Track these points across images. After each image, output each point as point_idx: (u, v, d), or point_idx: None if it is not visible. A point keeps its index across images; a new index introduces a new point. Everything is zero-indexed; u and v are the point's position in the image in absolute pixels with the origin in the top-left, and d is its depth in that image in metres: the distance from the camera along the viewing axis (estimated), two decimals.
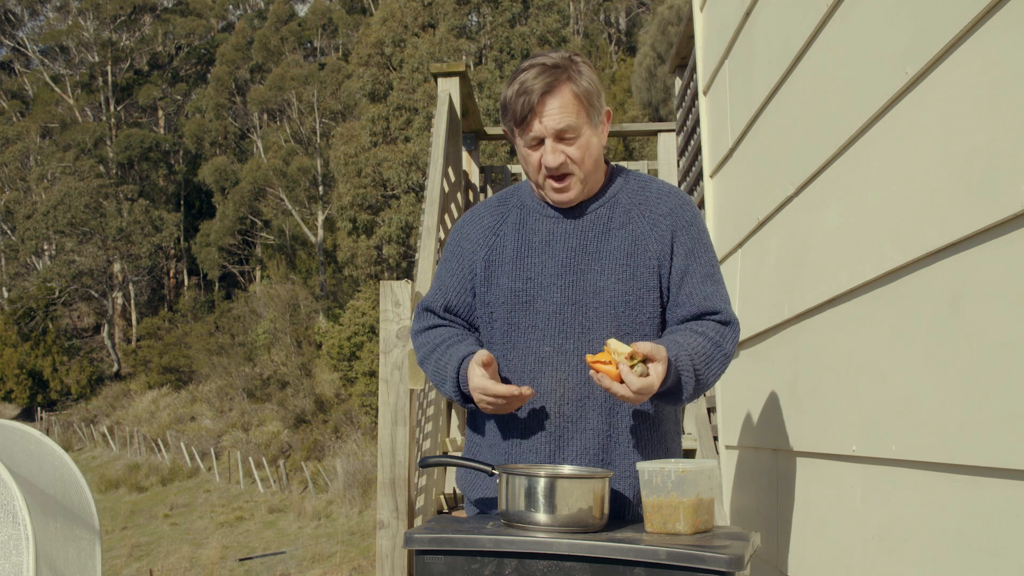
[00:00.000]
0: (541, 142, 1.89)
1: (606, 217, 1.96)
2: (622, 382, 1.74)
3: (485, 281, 1.99)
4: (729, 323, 1.93)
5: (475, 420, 2.06)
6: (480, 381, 1.84)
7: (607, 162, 2.04)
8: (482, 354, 1.85)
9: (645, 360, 1.75)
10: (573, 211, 1.97)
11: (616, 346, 1.76)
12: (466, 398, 1.94)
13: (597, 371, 1.75)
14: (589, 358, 1.78)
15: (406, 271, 27.01)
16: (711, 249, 1.99)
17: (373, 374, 25.92)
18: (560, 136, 1.87)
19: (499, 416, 1.95)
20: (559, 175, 1.90)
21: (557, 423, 1.90)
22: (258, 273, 44.84)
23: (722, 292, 1.96)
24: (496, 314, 1.97)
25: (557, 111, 1.85)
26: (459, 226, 2.09)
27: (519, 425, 1.93)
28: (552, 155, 1.87)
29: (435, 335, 2.02)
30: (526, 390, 1.83)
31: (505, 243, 1.99)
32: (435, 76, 4.88)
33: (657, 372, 1.74)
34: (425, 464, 1.95)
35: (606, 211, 1.97)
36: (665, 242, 1.93)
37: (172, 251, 47.35)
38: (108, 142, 47.14)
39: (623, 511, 1.95)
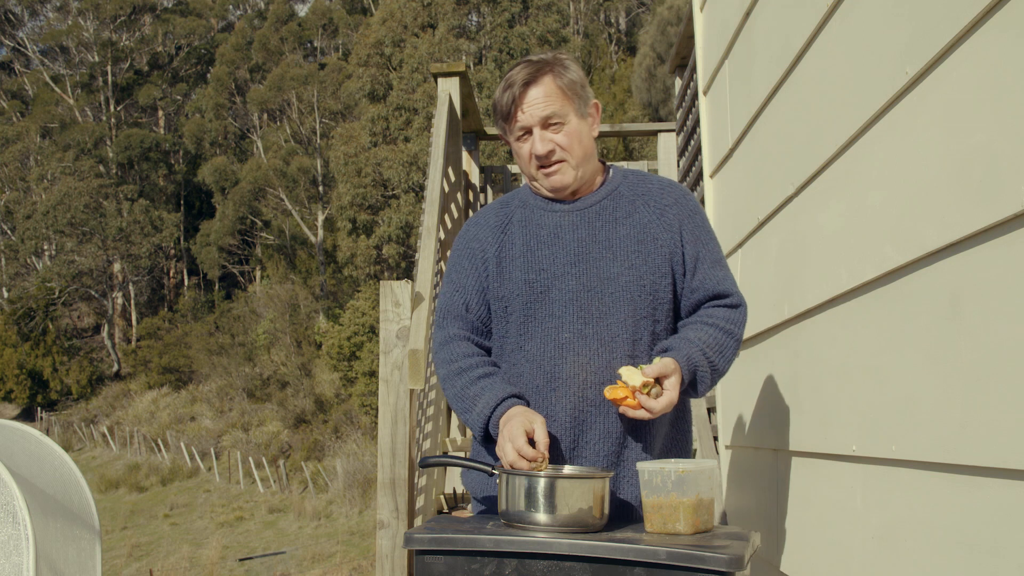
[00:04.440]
0: (529, 132, 1.95)
1: (611, 208, 2.00)
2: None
3: (498, 276, 2.00)
4: (739, 306, 2.02)
5: None
6: (513, 443, 1.80)
7: (602, 161, 2.09)
8: (543, 420, 1.85)
9: (659, 380, 1.83)
10: (577, 204, 2.01)
11: (628, 376, 1.83)
12: (486, 436, 1.94)
13: (617, 405, 1.84)
14: (607, 395, 1.84)
15: (406, 271, 27.01)
16: (714, 235, 2.07)
17: (373, 374, 25.92)
18: (546, 124, 1.93)
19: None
20: (549, 163, 1.95)
21: (581, 407, 1.92)
22: (258, 273, 44.84)
23: (730, 276, 2.05)
24: (511, 307, 1.97)
25: (541, 99, 1.92)
26: (464, 230, 2.11)
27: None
28: (540, 143, 1.94)
29: (463, 356, 1.99)
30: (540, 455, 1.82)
31: (514, 239, 2.01)
32: (435, 76, 4.88)
33: (672, 385, 1.83)
34: (425, 464, 1.95)
35: (610, 203, 2.01)
36: (674, 231, 1.99)
37: (172, 251, 47.37)
38: (108, 142, 47.14)
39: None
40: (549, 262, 1.96)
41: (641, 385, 1.81)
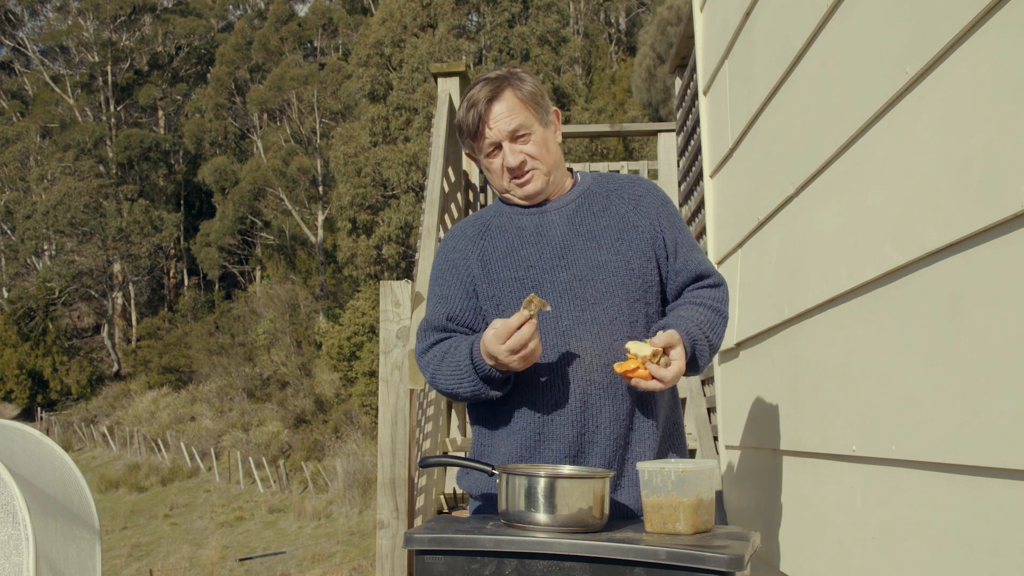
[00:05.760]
0: (498, 147, 2.00)
1: (587, 204, 2.07)
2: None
3: (485, 278, 2.02)
4: (720, 284, 2.09)
5: (500, 401, 2.00)
6: (492, 335, 1.81)
7: (569, 169, 2.16)
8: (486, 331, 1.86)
9: (665, 350, 1.87)
10: (553, 204, 2.06)
11: (636, 349, 1.86)
12: (489, 381, 1.91)
13: (630, 379, 1.87)
14: (618, 368, 1.87)
15: (406, 271, 27.00)
16: (684, 222, 2.17)
17: (373, 374, 25.92)
18: (514, 137, 1.99)
19: (527, 393, 1.95)
20: (521, 172, 2.01)
21: (588, 391, 1.94)
22: (258, 273, 44.82)
23: (707, 258, 2.14)
24: (503, 304, 1.99)
25: (505, 113, 1.98)
26: (442, 245, 2.14)
27: (549, 399, 1.93)
28: (511, 155, 1.99)
29: (438, 349, 2.01)
30: (535, 300, 1.81)
31: (496, 243, 2.04)
32: (435, 76, 4.88)
33: (679, 355, 1.88)
34: (425, 464, 1.95)
35: (585, 200, 2.07)
36: (652, 218, 2.06)
37: (172, 251, 47.35)
38: (108, 142, 47.11)
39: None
40: (536, 259, 2.00)
41: (651, 355, 1.85)
